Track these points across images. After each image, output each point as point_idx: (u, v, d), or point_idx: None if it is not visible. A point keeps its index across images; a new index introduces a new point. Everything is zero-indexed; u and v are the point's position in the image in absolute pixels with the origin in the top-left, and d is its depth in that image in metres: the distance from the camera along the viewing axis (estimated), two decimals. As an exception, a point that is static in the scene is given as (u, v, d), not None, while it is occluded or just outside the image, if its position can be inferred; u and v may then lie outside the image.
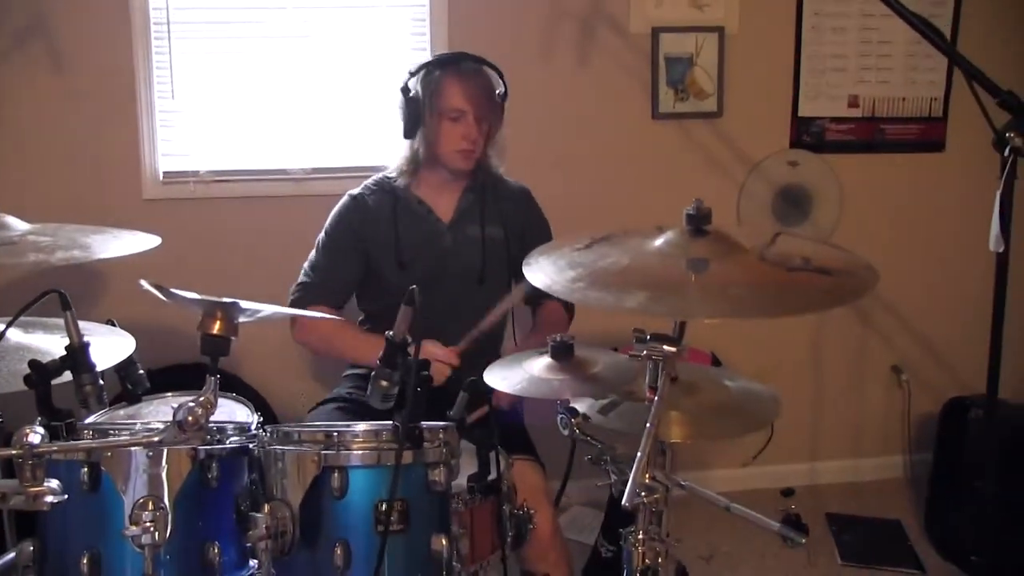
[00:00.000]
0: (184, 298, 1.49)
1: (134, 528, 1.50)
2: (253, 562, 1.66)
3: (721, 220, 2.68)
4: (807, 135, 3.46)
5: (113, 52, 3.10)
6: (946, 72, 3.47)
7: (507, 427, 2.02)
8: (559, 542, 2.24)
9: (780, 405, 2.01)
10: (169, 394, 1.93)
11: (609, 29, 3.27)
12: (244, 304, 1.47)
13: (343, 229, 2.53)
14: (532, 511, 1.87)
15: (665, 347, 1.55)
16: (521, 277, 2.35)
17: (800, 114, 3.45)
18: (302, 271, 2.53)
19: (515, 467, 1.99)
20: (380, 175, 2.56)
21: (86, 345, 1.70)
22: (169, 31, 3.12)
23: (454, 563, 1.63)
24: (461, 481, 1.72)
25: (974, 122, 3.50)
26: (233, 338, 1.50)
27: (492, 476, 1.78)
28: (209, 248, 3.18)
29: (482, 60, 2.48)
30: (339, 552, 1.53)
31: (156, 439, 1.48)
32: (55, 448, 1.48)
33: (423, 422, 1.58)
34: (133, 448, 1.55)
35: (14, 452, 1.40)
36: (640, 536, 1.59)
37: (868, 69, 3.44)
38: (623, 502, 1.44)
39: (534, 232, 2.56)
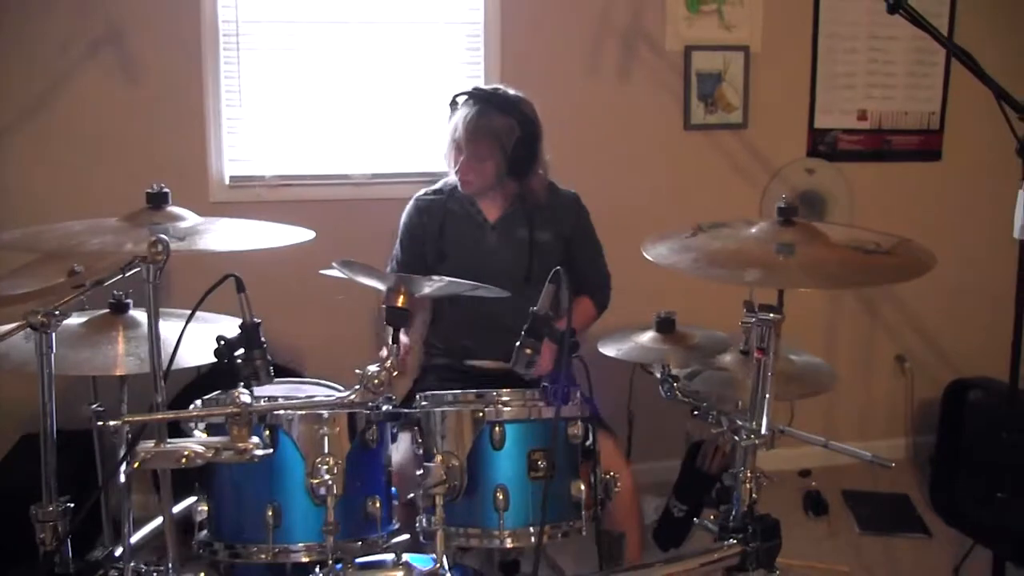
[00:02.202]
0: (373, 274, 1.73)
1: (315, 481, 1.72)
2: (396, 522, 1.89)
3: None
4: (822, 145, 3.79)
5: (184, 62, 3.29)
6: (942, 89, 3.82)
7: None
8: (636, 502, 2.51)
9: (835, 377, 2.33)
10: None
11: (647, 47, 3.56)
12: (435, 279, 1.72)
13: (406, 229, 2.85)
14: (616, 476, 2.12)
15: (772, 315, 1.83)
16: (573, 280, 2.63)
17: (816, 126, 3.78)
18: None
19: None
20: (446, 179, 2.84)
21: (257, 324, 1.89)
22: (238, 43, 3.33)
23: (584, 510, 1.88)
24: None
25: (967, 134, 3.89)
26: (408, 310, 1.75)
27: (589, 442, 2.02)
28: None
29: (504, 104, 2.67)
30: (500, 496, 1.77)
31: (350, 399, 1.71)
32: (269, 407, 1.70)
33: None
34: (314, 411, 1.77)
35: (232, 411, 1.61)
36: (748, 474, 1.86)
37: (875, 86, 3.78)
38: (763, 431, 1.72)
39: (580, 236, 2.84)
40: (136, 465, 1.50)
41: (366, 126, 3.47)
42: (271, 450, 1.69)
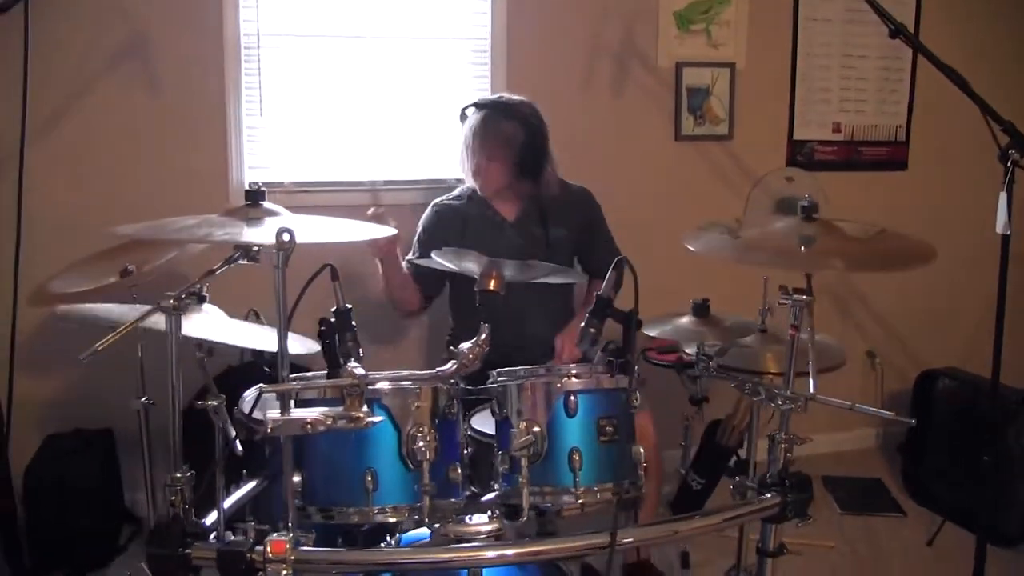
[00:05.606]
0: (472, 258, 1.93)
1: (413, 447, 1.87)
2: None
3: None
4: (800, 155, 4.09)
5: (207, 74, 3.43)
6: (907, 104, 4.16)
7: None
8: (657, 456, 2.73)
9: (844, 353, 2.59)
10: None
11: (640, 63, 3.82)
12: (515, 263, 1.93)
13: (424, 230, 3.09)
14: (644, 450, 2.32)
15: (804, 297, 2.07)
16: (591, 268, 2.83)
17: (795, 137, 4.08)
18: None
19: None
20: (463, 187, 3.05)
21: (349, 309, 2.07)
22: (259, 56, 3.49)
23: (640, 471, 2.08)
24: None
25: (929, 146, 4.21)
26: (501, 292, 1.95)
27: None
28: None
29: (508, 110, 2.94)
30: (576, 457, 1.97)
31: (450, 372, 1.89)
32: (381, 377, 1.87)
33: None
34: (407, 384, 1.94)
35: (351, 382, 1.77)
36: (784, 435, 2.10)
37: (848, 100, 4.11)
38: (811, 390, 1.95)
39: (595, 226, 3.12)
40: (269, 431, 1.65)
41: (379, 135, 3.64)
42: (381, 417, 1.84)
